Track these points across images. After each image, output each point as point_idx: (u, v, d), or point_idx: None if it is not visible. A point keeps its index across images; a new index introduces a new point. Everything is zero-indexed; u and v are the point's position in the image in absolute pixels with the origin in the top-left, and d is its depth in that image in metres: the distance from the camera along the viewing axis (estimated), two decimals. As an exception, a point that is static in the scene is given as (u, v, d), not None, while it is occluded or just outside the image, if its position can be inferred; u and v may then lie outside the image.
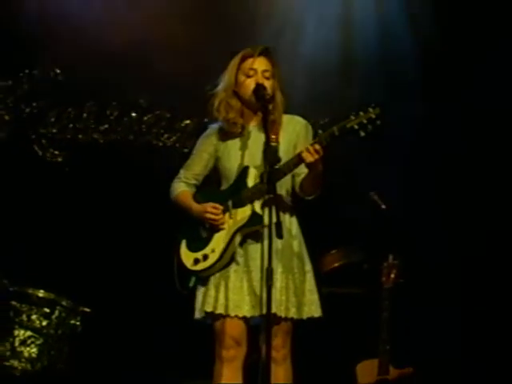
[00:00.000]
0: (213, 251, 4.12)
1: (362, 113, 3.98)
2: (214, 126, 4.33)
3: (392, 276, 5.22)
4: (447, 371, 5.77)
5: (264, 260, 3.82)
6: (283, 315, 4.07)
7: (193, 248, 4.19)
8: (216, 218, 4.14)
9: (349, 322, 5.74)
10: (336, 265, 5.72)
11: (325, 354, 5.79)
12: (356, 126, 3.96)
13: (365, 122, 3.96)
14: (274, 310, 3.93)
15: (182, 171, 4.39)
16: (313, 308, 4.16)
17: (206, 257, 4.12)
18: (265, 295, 3.75)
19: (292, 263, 4.15)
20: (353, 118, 3.98)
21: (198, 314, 4.15)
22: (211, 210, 4.15)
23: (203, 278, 4.15)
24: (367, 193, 5.51)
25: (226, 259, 4.10)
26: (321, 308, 4.19)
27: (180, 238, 4.26)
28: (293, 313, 4.10)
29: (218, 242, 4.12)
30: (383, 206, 5.41)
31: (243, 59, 4.21)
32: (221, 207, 4.15)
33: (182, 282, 4.20)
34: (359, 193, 5.59)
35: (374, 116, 3.96)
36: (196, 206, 4.23)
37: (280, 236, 3.80)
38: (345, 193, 5.93)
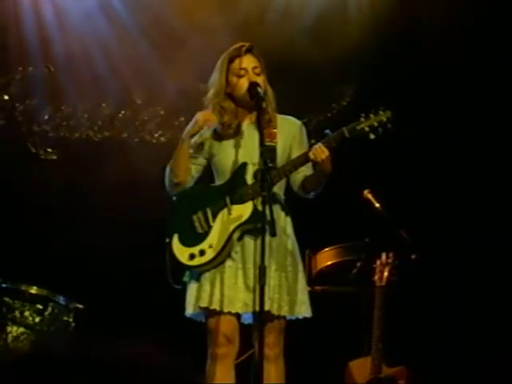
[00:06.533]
0: (210, 247, 4.08)
1: (372, 115, 3.96)
2: None
3: (385, 274, 5.23)
4: (440, 370, 5.78)
5: (258, 257, 3.81)
6: (276, 313, 4.06)
7: (187, 243, 4.13)
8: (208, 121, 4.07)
9: (341, 320, 5.75)
10: (329, 263, 5.73)
11: (317, 352, 5.79)
12: (367, 129, 3.95)
13: (376, 124, 3.94)
14: (267, 308, 3.95)
15: None
16: (304, 308, 4.16)
17: (202, 252, 4.09)
18: (258, 293, 3.76)
19: (286, 262, 4.15)
20: (363, 119, 3.96)
21: (190, 310, 4.11)
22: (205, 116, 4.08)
23: (198, 272, 4.14)
24: (361, 191, 5.52)
25: (224, 255, 4.06)
26: (311, 308, 4.18)
27: (172, 232, 4.20)
28: (285, 311, 4.09)
29: (216, 237, 4.08)
30: (377, 205, 5.42)
31: (231, 60, 4.16)
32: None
33: (175, 277, 4.18)
34: (353, 191, 5.59)
35: (385, 119, 3.95)
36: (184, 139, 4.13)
37: (273, 234, 3.81)
38: (339, 190, 5.93)
